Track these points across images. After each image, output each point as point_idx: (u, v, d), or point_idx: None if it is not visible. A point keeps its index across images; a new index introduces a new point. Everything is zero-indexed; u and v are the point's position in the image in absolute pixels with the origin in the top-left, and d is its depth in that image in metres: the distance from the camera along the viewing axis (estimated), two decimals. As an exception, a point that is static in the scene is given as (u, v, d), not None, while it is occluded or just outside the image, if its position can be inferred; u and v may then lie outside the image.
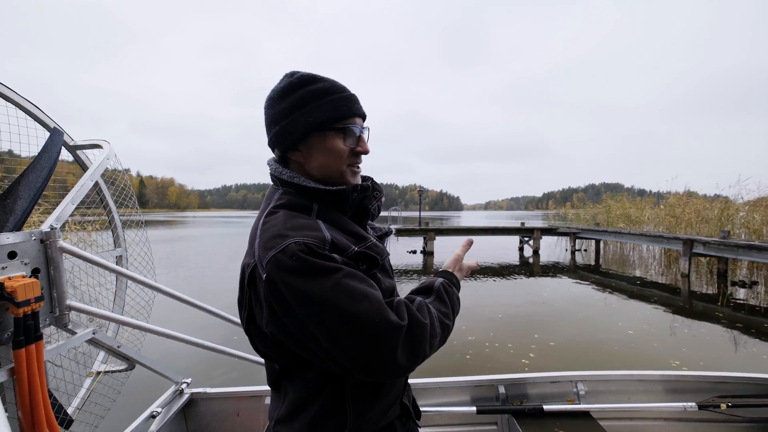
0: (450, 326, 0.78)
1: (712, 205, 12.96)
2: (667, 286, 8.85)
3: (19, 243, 0.97)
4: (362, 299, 0.64)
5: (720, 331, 5.53)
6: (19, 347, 0.91)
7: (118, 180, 1.59)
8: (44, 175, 1.14)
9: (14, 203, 1.07)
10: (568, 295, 7.76)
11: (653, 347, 4.74)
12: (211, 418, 1.86)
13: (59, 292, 1.07)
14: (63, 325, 1.10)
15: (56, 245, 1.05)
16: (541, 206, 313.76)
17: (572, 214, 21.80)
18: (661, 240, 10.88)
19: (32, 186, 1.11)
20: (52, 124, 1.24)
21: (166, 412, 1.71)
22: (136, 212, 1.68)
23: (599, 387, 1.85)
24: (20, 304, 0.90)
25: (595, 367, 3.97)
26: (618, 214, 17.45)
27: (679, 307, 6.95)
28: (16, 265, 0.97)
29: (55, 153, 1.20)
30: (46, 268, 1.04)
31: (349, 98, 0.79)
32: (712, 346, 4.88)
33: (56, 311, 1.07)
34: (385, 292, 0.75)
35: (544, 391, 1.85)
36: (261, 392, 1.87)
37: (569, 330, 5.37)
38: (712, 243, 9.04)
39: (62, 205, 1.15)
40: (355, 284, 0.65)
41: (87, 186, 1.25)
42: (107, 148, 1.36)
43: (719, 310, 6.61)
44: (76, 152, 1.38)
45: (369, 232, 0.85)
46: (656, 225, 15.06)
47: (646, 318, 6.12)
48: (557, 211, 29.17)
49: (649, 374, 1.85)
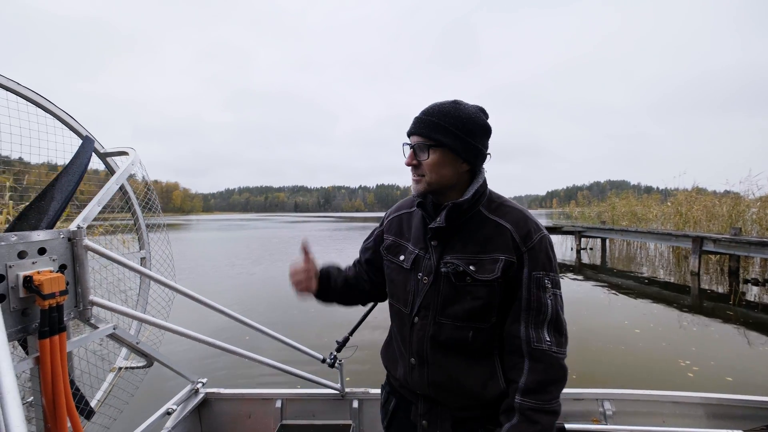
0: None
1: (721, 201, 12.81)
2: (676, 285, 8.76)
3: (48, 240, 1.04)
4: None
5: (732, 330, 5.47)
6: (43, 337, 0.97)
7: (142, 185, 1.64)
8: (75, 179, 1.20)
9: (48, 204, 1.15)
10: (574, 294, 7.73)
11: (661, 346, 4.71)
12: (223, 418, 1.92)
13: (83, 288, 1.13)
14: (86, 319, 1.16)
15: (82, 243, 1.11)
16: (545, 205, 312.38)
17: (577, 212, 21.68)
18: (670, 238, 10.78)
19: (64, 189, 1.18)
20: (84, 133, 1.28)
21: (182, 409, 1.78)
22: (158, 215, 1.73)
23: (628, 407, 1.71)
24: (46, 297, 0.96)
25: (601, 365, 3.99)
26: (623, 212, 17.30)
27: (688, 305, 6.90)
28: (45, 260, 1.03)
29: (86, 159, 1.26)
30: (72, 264, 1.11)
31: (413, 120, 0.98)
32: (723, 345, 4.83)
33: (80, 306, 1.13)
34: (392, 282, 1.08)
35: (565, 409, 1.72)
36: (272, 395, 1.93)
37: (573, 329, 5.35)
38: (723, 240, 8.93)
39: (89, 207, 1.21)
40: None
41: (112, 189, 1.30)
42: (132, 155, 1.42)
43: (731, 309, 6.54)
44: (106, 159, 1.42)
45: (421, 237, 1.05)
46: (663, 223, 14.92)
47: (653, 317, 6.09)
48: (562, 210, 28.99)
49: (687, 396, 1.69)
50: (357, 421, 1.88)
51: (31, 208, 1.14)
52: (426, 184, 0.95)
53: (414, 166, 0.96)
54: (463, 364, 0.96)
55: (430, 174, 0.94)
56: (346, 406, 1.91)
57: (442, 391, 0.97)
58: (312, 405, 1.93)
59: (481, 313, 0.93)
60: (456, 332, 0.94)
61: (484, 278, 0.91)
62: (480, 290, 0.92)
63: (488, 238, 0.93)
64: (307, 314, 6.22)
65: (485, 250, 0.92)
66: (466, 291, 0.93)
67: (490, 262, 0.91)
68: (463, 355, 0.96)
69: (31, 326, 1.00)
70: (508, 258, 0.91)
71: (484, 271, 0.91)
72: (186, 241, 22.04)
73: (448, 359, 0.96)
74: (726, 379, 3.76)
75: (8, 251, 0.96)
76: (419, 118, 0.95)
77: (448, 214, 0.94)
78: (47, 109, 1.17)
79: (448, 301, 0.95)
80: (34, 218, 1.13)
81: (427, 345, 0.97)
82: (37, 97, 1.14)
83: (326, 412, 1.92)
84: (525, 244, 0.91)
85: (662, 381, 3.74)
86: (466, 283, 0.92)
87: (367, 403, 1.91)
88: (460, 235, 0.96)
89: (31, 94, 1.13)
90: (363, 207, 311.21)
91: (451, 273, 0.93)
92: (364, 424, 1.90)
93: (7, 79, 1.06)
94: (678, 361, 4.21)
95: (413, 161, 0.95)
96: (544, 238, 0.93)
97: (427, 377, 0.98)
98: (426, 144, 0.92)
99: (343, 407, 1.91)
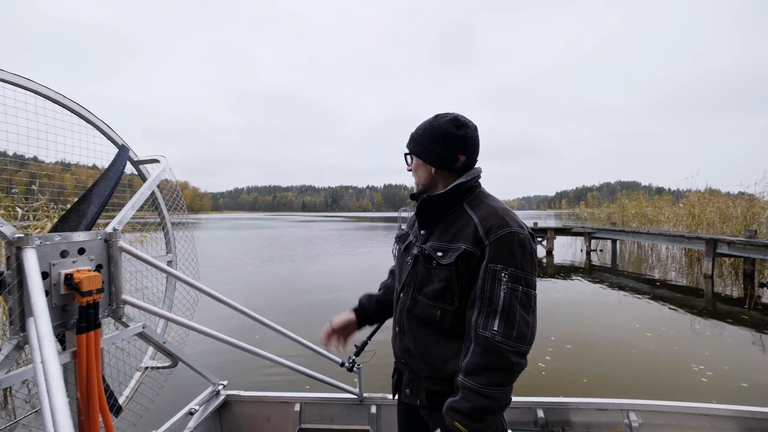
0: None
1: (735, 203, 12.57)
2: (689, 288, 8.65)
3: (87, 241, 1.10)
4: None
5: (747, 334, 5.39)
6: (81, 332, 1.03)
7: (169, 190, 1.70)
8: (111, 185, 1.27)
9: (86, 208, 1.22)
10: (584, 297, 7.68)
11: (673, 350, 4.66)
12: (243, 420, 1.94)
13: (117, 287, 1.18)
14: (118, 317, 1.22)
15: (117, 245, 1.18)
16: (554, 205, 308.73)
17: (587, 213, 21.42)
18: (682, 240, 10.63)
19: (101, 194, 1.25)
20: (120, 142, 1.36)
21: (203, 410, 1.81)
22: (185, 215, 1.79)
23: (655, 419, 1.65)
24: (84, 294, 1.02)
25: (610, 370, 3.96)
26: (633, 213, 17.05)
27: (701, 309, 6.80)
28: (84, 260, 1.09)
29: (121, 166, 1.33)
30: (108, 264, 1.17)
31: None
32: (738, 350, 4.76)
33: (113, 304, 1.18)
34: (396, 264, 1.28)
35: (589, 419, 1.69)
36: (291, 398, 1.95)
37: (585, 332, 5.33)
38: (738, 243, 8.78)
39: (124, 210, 1.27)
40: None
41: (145, 194, 1.37)
42: (164, 162, 1.48)
43: (746, 313, 6.43)
44: (138, 166, 1.49)
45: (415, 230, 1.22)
46: (675, 224, 14.69)
47: (665, 320, 6.02)
48: (571, 211, 28.67)
49: (718, 408, 1.61)
50: (375, 427, 1.88)
51: (72, 211, 1.22)
52: (416, 184, 1.19)
53: (411, 171, 1.19)
54: (432, 338, 1.08)
55: (414, 177, 1.18)
56: (364, 411, 1.91)
57: (411, 357, 1.12)
58: (330, 409, 1.94)
59: (444, 295, 1.05)
60: (426, 309, 1.09)
61: (444, 263, 1.04)
62: (442, 273, 1.05)
63: (459, 230, 1.05)
64: (323, 316, 6.30)
65: (454, 240, 1.04)
66: (433, 273, 1.07)
67: (454, 251, 1.03)
68: (433, 330, 1.08)
69: (69, 322, 1.06)
70: (468, 248, 1.01)
71: (446, 257, 1.04)
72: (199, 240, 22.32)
73: (420, 331, 1.11)
74: (741, 385, 3.70)
75: (52, 250, 1.02)
76: (412, 135, 1.17)
77: (420, 205, 1.11)
78: (88, 119, 1.24)
79: (423, 281, 1.10)
80: (74, 220, 1.20)
81: (405, 316, 1.14)
82: (80, 108, 1.21)
83: (344, 417, 1.92)
84: (488, 238, 0.99)
85: (675, 386, 3.70)
86: (433, 267, 1.07)
87: (385, 408, 1.91)
88: (441, 226, 1.11)
89: (75, 106, 1.20)
90: (370, 207, 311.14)
91: (421, 255, 1.10)
92: (382, 430, 1.90)
93: (55, 92, 1.14)
94: (691, 365, 4.16)
95: (408, 168, 1.20)
96: (513, 234, 0.98)
97: (403, 343, 1.14)
98: (407, 153, 1.18)
99: (361, 412, 1.91)
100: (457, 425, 0.94)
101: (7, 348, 0.98)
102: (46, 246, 1.01)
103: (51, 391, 0.75)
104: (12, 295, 0.97)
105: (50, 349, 0.83)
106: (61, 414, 0.72)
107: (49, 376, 0.78)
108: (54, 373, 0.79)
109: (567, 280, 9.56)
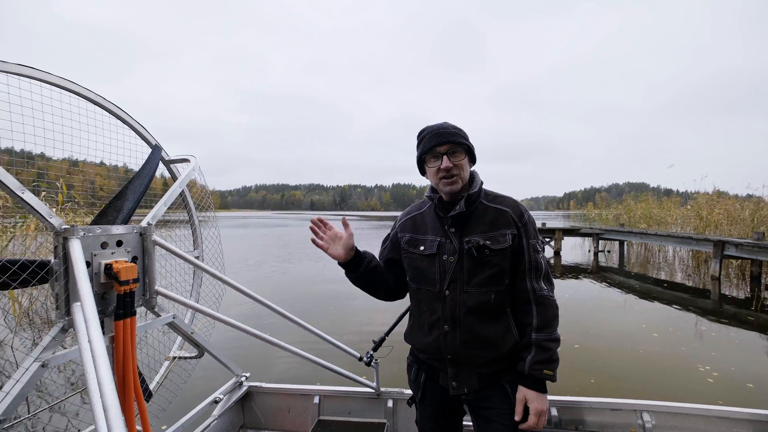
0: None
1: (743, 205, 12.43)
2: (696, 289, 8.59)
3: (125, 234, 1.18)
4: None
5: (754, 336, 5.37)
6: (118, 319, 1.10)
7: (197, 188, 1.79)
8: (145, 182, 1.36)
9: (123, 204, 1.30)
10: (591, 298, 7.67)
11: (680, 351, 4.66)
12: (264, 411, 2.00)
13: (150, 279, 1.26)
14: (151, 307, 1.29)
15: (151, 238, 1.25)
16: (562, 206, 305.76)
17: (594, 214, 21.22)
18: (690, 241, 10.54)
19: (136, 190, 1.34)
20: (154, 142, 1.45)
21: (227, 400, 1.87)
22: (212, 212, 1.87)
23: (670, 421, 1.64)
24: (122, 283, 1.09)
25: (617, 370, 3.97)
26: (639, 215, 16.88)
27: (708, 310, 6.76)
28: (122, 252, 1.17)
29: (155, 165, 1.42)
30: (142, 257, 1.24)
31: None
32: (745, 351, 4.75)
33: (147, 294, 1.26)
34: (417, 269, 1.26)
35: (603, 419, 1.70)
36: (311, 391, 2.00)
37: (592, 332, 5.34)
38: (746, 245, 8.68)
39: (157, 207, 1.36)
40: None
41: (176, 192, 1.45)
42: (193, 162, 1.56)
43: (753, 315, 6.39)
44: (169, 165, 1.58)
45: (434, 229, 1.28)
46: (683, 226, 14.55)
47: (672, 321, 6.01)
48: (580, 212, 28.41)
49: (734, 411, 1.58)
50: (392, 421, 1.93)
51: (110, 206, 1.31)
52: (461, 181, 1.19)
53: (449, 169, 1.16)
54: (485, 322, 1.18)
55: (459, 172, 1.18)
56: (381, 405, 1.96)
57: (470, 348, 1.17)
58: (348, 402, 1.99)
59: (498, 278, 1.17)
60: (481, 297, 1.17)
61: (498, 248, 1.16)
62: (496, 258, 1.16)
63: (493, 220, 1.20)
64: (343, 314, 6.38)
65: (494, 228, 1.18)
66: (485, 261, 1.16)
67: (501, 236, 1.17)
68: (485, 315, 1.18)
69: (108, 309, 1.14)
70: (512, 231, 1.18)
71: (497, 243, 1.16)
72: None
73: (475, 320, 1.18)
74: (747, 386, 3.70)
75: (94, 241, 1.10)
76: (444, 132, 1.18)
77: (466, 201, 1.18)
78: (124, 120, 1.33)
79: (472, 273, 1.17)
80: (111, 215, 1.29)
81: (460, 311, 1.18)
82: (117, 110, 1.30)
83: (362, 410, 1.97)
84: (520, 221, 1.20)
85: (681, 386, 3.72)
86: (485, 255, 1.16)
87: (401, 402, 1.95)
88: (471, 220, 1.21)
89: (115, 108, 1.29)
90: (379, 206, 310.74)
91: (473, 248, 1.16)
92: (399, 424, 1.94)
93: (95, 93, 1.23)
94: (697, 366, 4.16)
95: (449, 164, 1.16)
96: (530, 216, 1.24)
97: (459, 338, 1.17)
98: (456, 149, 1.17)
99: (379, 406, 1.96)
100: (546, 372, 1.12)
101: (54, 330, 1.06)
102: (88, 237, 1.09)
103: (98, 367, 0.82)
104: (58, 282, 1.05)
105: (96, 330, 0.90)
106: (108, 387, 0.78)
107: (96, 354, 0.84)
108: (100, 351, 0.85)
109: (574, 281, 9.54)
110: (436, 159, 1.18)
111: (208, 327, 1.81)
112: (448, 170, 1.15)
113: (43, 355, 1.02)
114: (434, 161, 1.18)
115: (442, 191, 1.21)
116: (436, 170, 1.18)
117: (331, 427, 1.88)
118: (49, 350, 1.04)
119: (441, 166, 1.16)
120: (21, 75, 1.05)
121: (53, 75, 1.13)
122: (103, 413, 0.72)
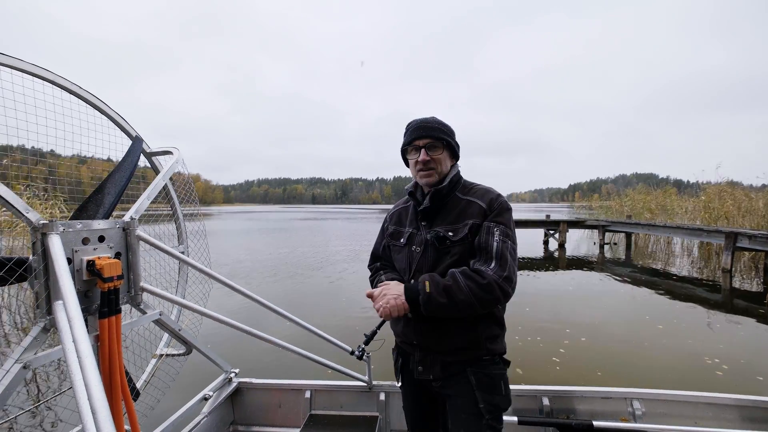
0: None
1: (756, 196, 12.14)
2: (706, 282, 8.43)
3: (107, 229, 1.13)
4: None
5: (765, 329, 5.25)
6: (103, 317, 1.06)
7: (181, 180, 1.73)
8: (127, 175, 1.30)
9: (103, 197, 1.24)
10: (596, 291, 7.57)
11: (687, 343, 4.59)
12: (255, 406, 1.98)
13: (135, 275, 1.21)
14: (136, 304, 1.24)
15: (135, 233, 1.20)
16: (567, 198, 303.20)
17: (597, 206, 20.95)
18: (701, 233, 10.32)
19: (117, 184, 1.27)
20: (134, 133, 1.38)
21: (217, 396, 1.85)
22: (196, 207, 1.82)
23: (659, 408, 1.68)
24: (106, 280, 1.04)
25: (621, 361, 3.92)
26: (641, 207, 16.65)
27: (718, 303, 6.64)
28: (104, 247, 1.12)
29: (135, 157, 1.35)
30: (126, 252, 1.19)
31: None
32: (755, 344, 4.65)
33: (132, 291, 1.21)
34: (395, 259, 1.32)
35: (593, 408, 1.71)
36: (302, 386, 1.98)
37: (598, 324, 5.27)
38: (759, 237, 8.46)
39: (140, 201, 1.30)
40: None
41: (159, 185, 1.39)
42: (177, 154, 1.50)
43: (764, 308, 6.26)
44: (151, 158, 1.52)
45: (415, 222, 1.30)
46: (692, 218, 14.27)
47: (679, 314, 5.91)
48: (585, 203, 28.20)
49: (720, 397, 1.63)
50: (384, 414, 1.92)
51: (90, 200, 1.25)
52: (437, 174, 1.21)
53: (426, 162, 1.19)
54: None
55: (437, 166, 1.20)
56: (374, 398, 1.95)
57: (430, 335, 1.20)
58: (340, 396, 1.98)
59: (458, 266, 1.16)
60: None
61: (458, 238, 1.17)
62: (456, 248, 1.17)
63: (461, 212, 1.20)
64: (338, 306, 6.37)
65: (458, 220, 1.19)
66: (446, 251, 1.18)
67: (463, 227, 1.17)
68: None
69: (92, 307, 1.09)
70: (475, 221, 1.17)
71: (457, 234, 1.17)
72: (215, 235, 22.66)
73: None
74: (756, 379, 3.65)
75: (75, 237, 1.05)
76: (426, 126, 1.20)
77: (431, 197, 1.22)
78: (103, 110, 1.27)
79: (435, 263, 1.19)
80: (92, 209, 1.23)
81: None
82: (94, 99, 1.24)
83: (354, 404, 1.96)
84: (491, 210, 1.18)
85: (687, 378, 3.67)
86: (446, 246, 1.18)
87: (393, 395, 1.94)
88: (441, 213, 1.23)
89: (90, 96, 1.22)
90: (380, 199, 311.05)
91: (434, 238, 1.19)
92: (391, 417, 1.93)
93: (71, 82, 1.16)
94: (704, 358, 4.10)
95: (426, 157, 1.19)
96: (503, 203, 1.20)
97: (421, 326, 1.21)
98: (436, 144, 1.20)
99: (371, 399, 1.95)
100: (427, 284, 1.11)
101: (35, 330, 1.01)
102: (69, 233, 1.04)
103: (84, 367, 0.78)
104: (38, 280, 1.00)
105: (81, 329, 0.85)
106: (96, 389, 0.74)
107: (82, 353, 0.81)
108: (86, 351, 0.81)
109: (580, 273, 9.42)
110: (416, 151, 1.21)
111: (195, 323, 1.78)
112: (425, 163, 1.19)
113: (24, 356, 0.98)
114: (414, 153, 1.23)
115: (420, 183, 1.26)
116: (414, 162, 1.23)
117: (323, 421, 1.87)
118: (31, 351, 1.00)
119: (419, 159, 1.20)
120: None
121: (26, 62, 1.07)
122: (92, 415, 0.69)
